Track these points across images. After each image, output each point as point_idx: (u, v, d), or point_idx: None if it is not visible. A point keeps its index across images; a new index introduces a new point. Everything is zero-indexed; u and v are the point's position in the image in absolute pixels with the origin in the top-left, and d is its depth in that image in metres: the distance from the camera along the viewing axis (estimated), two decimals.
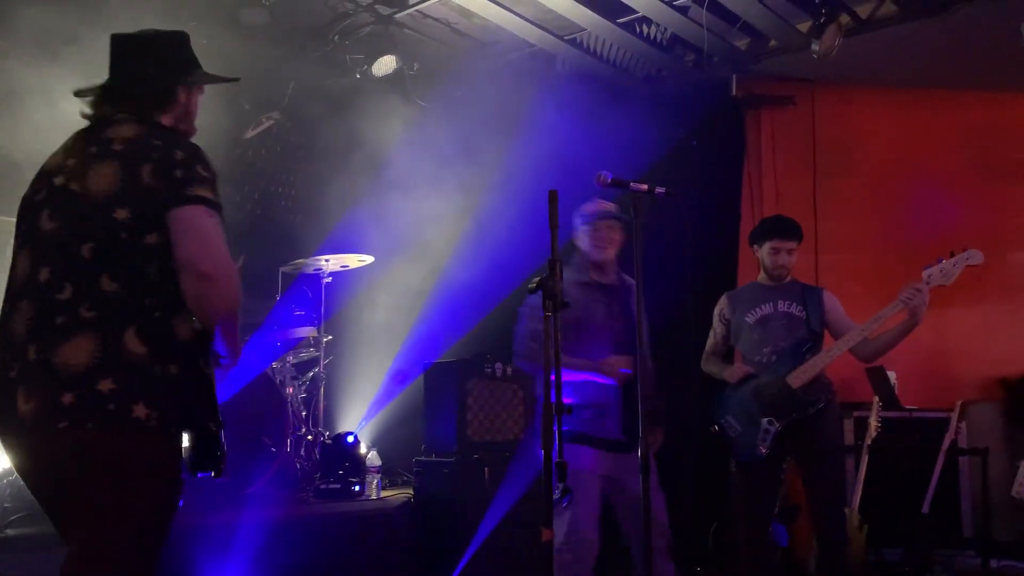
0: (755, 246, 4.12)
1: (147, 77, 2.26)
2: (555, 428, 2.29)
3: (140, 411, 1.95)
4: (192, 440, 2.08)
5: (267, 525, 3.95)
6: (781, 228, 4.03)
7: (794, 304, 3.97)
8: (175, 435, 2.05)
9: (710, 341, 4.22)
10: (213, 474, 2.16)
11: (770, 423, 3.81)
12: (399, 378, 5.93)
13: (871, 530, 4.40)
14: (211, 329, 2.10)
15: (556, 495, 2.26)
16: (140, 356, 1.98)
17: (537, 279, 2.36)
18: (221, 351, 2.19)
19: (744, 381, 3.93)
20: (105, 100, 2.24)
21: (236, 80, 2.46)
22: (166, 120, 2.24)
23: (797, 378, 3.80)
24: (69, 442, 1.94)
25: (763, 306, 4.01)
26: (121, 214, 2.01)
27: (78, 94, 2.28)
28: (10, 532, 3.52)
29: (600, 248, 3.48)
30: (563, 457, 2.29)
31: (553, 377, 2.32)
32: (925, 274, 3.69)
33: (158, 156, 2.05)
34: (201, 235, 2.02)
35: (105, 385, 1.93)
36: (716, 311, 4.20)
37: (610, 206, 3.53)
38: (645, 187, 2.77)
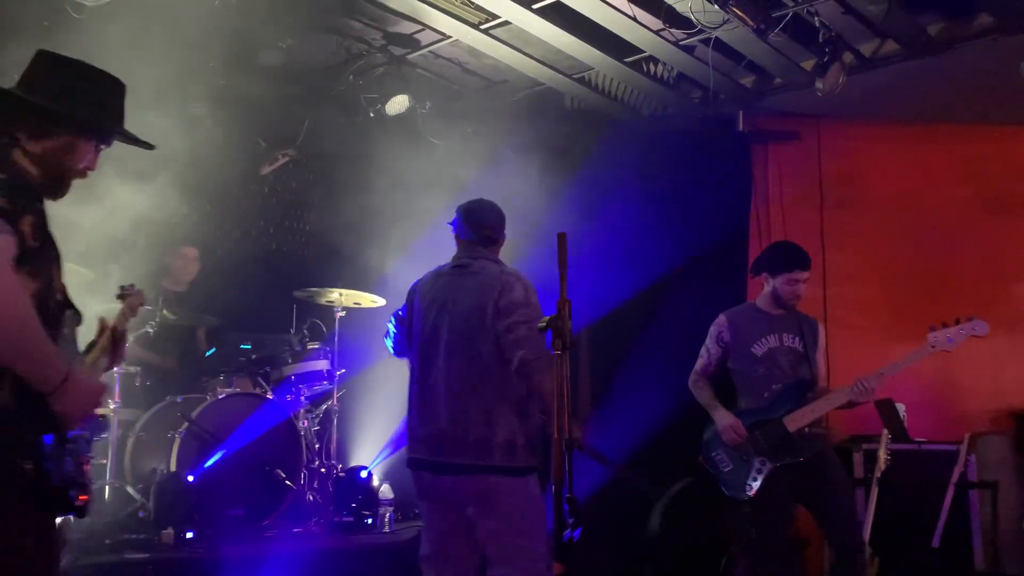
0: (766, 274, 4.05)
1: (34, 95, 2.00)
2: (565, 463, 2.32)
3: None
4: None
5: (280, 558, 3.99)
6: (802, 259, 3.99)
7: (796, 338, 3.95)
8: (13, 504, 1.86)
9: (702, 361, 4.12)
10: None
11: (762, 463, 3.80)
12: None
13: (881, 563, 4.39)
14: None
15: (567, 531, 2.28)
16: None
17: (547, 319, 2.37)
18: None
19: (738, 416, 3.90)
20: None
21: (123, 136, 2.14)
22: (33, 148, 1.99)
23: (794, 422, 3.79)
24: None
25: (768, 338, 3.97)
26: None
27: None
28: None
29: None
30: (572, 492, 2.31)
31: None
32: (931, 337, 3.73)
33: None
34: None
35: None
36: (714, 332, 4.11)
37: None
38: None
